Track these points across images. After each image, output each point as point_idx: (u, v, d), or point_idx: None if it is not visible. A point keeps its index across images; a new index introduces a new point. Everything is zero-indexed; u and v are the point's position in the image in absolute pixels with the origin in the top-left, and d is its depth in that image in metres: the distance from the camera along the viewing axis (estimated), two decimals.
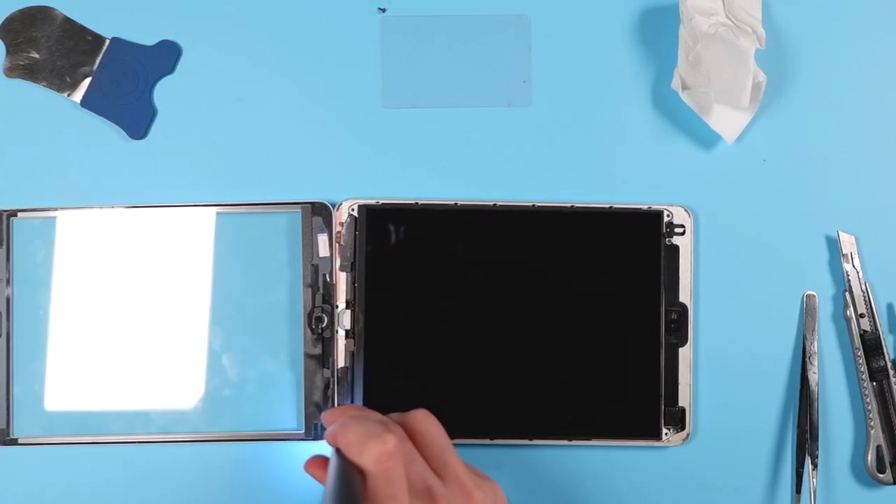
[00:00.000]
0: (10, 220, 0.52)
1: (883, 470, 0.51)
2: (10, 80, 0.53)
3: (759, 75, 0.50)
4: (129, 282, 0.52)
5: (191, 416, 0.52)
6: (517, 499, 0.52)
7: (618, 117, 0.53)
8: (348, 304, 0.52)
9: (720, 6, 0.51)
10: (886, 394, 0.51)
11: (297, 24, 0.54)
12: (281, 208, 0.52)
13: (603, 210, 0.52)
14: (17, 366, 0.52)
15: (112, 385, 0.52)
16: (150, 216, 0.53)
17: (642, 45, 0.54)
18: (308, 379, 0.51)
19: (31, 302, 0.52)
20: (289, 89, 0.54)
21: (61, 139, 0.54)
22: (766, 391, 0.52)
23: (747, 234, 0.53)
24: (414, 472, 0.35)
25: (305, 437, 0.51)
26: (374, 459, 0.34)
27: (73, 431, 0.52)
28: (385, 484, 0.34)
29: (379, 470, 0.34)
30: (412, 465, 0.36)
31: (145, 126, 0.53)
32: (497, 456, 0.52)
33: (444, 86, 0.54)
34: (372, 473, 0.34)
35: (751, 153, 0.53)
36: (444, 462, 0.37)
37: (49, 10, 0.54)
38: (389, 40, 0.54)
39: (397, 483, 0.34)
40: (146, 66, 0.54)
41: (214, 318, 0.52)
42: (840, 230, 0.52)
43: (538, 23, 0.54)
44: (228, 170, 0.53)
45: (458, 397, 0.51)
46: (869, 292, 0.52)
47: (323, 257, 0.52)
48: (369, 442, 0.34)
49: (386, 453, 0.34)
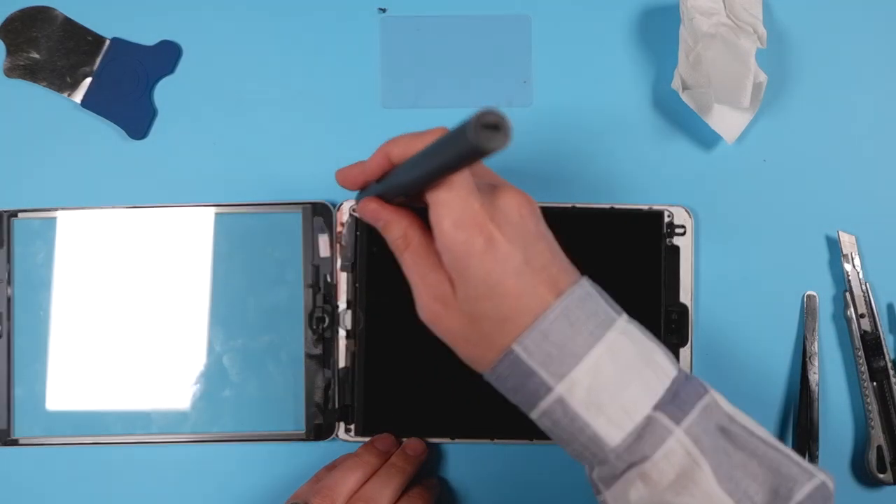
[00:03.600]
0: (10, 220, 0.52)
1: (883, 470, 0.51)
2: (10, 80, 0.53)
3: (759, 75, 0.50)
4: (129, 282, 0.52)
5: (191, 417, 0.52)
6: (521, 496, 0.52)
7: (618, 117, 0.53)
8: (349, 305, 0.52)
9: (721, 6, 0.51)
10: (886, 394, 0.51)
11: (297, 24, 0.54)
12: (281, 208, 0.52)
13: (603, 210, 0.52)
14: (18, 366, 0.52)
15: (113, 385, 0.52)
16: (150, 216, 0.53)
17: (642, 45, 0.54)
18: (309, 379, 0.52)
19: (32, 302, 0.52)
20: (289, 89, 0.54)
21: (61, 139, 0.54)
22: (766, 391, 0.52)
23: (747, 234, 0.53)
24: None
25: (306, 437, 0.51)
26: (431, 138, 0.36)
27: (74, 432, 0.52)
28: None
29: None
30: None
31: (145, 126, 0.53)
32: (500, 455, 0.52)
33: (444, 86, 0.54)
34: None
35: (751, 153, 0.53)
36: (480, 172, 0.40)
37: (49, 10, 0.54)
38: (389, 40, 0.54)
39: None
40: (146, 66, 0.54)
41: (215, 319, 0.52)
42: (840, 230, 0.52)
43: (538, 23, 0.54)
44: (228, 170, 0.53)
45: (458, 397, 0.51)
46: (869, 292, 0.52)
47: (324, 257, 0.52)
48: (427, 131, 0.37)
49: (441, 132, 0.36)
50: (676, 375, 0.37)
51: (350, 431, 0.51)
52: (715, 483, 0.35)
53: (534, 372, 0.36)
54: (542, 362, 0.36)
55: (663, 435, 0.35)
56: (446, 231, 0.35)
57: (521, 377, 0.36)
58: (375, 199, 0.39)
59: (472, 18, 0.54)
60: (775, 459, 0.37)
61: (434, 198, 0.36)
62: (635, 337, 0.37)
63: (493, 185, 0.38)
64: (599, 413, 0.36)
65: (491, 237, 0.35)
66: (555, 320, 0.36)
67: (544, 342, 0.36)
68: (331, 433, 0.51)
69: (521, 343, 0.36)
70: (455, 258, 0.36)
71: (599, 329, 0.36)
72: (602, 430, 0.36)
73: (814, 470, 0.37)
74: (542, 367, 0.36)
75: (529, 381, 0.36)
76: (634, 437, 0.36)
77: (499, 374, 0.37)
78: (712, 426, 0.37)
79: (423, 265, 0.38)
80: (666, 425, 0.36)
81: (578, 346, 0.36)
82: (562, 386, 0.36)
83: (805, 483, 0.36)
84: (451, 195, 0.35)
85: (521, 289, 0.36)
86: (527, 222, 0.37)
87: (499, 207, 0.36)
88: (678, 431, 0.36)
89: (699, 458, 0.35)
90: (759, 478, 0.36)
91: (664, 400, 0.36)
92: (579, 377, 0.35)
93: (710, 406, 0.37)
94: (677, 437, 0.36)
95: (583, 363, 0.35)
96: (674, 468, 0.35)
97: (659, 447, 0.35)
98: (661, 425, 0.36)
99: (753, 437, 0.37)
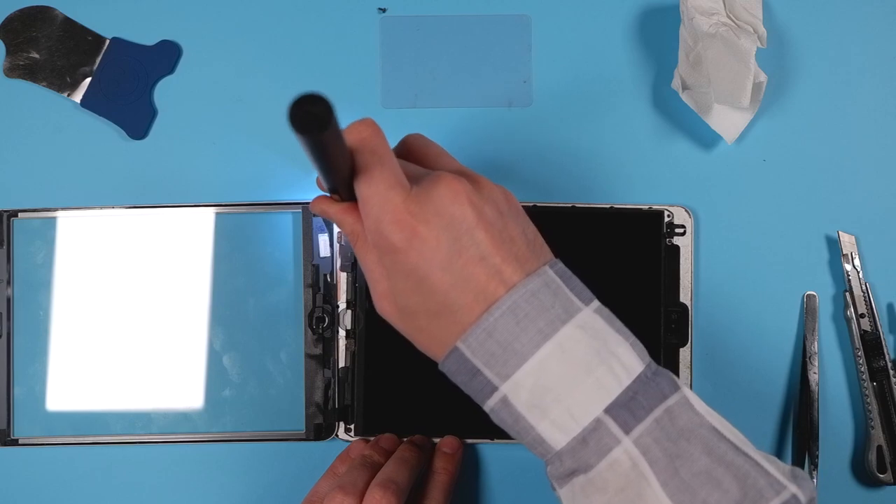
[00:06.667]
0: (10, 220, 0.52)
1: (883, 470, 0.51)
2: (10, 80, 0.53)
3: (759, 75, 0.50)
4: (129, 282, 0.52)
5: (191, 417, 0.52)
6: (521, 496, 0.52)
7: (618, 117, 0.53)
8: (349, 305, 0.52)
9: (721, 6, 0.51)
10: (887, 394, 0.51)
11: (296, 24, 0.54)
12: (281, 208, 0.52)
13: (603, 210, 0.52)
14: (18, 366, 0.52)
15: (113, 385, 0.52)
16: (150, 216, 0.52)
17: (642, 45, 0.54)
18: (309, 379, 0.52)
19: (32, 302, 0.52)
20: (289, 89, 0.54)
21: (61, 139, 0.54)
22: (766, 391, 0.52)
23: (747, 234, 0.53)
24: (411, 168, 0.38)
25: (306, 437, 0.51)
26: (353, 131, 0.36)
27: (74, 432, 0.52)
28: (369, 153, 0.35)
29: (358, 140, 0.35)
30: (408, 168, 0.38)
31: (145, 126, 0.53)
32: (500, 455, 0.52)
33: (444, 86, 0.54)
34: (356, 149, 0.35)
35: (751, 153, 0.53)
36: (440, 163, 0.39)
37: (49, 10, 0.54)
38: (389, 40, 0.54)
39: (380, 148, 0.35)
40: (146, 66, 0.54)
41: (215, 319, 0.52)
42: (840, 230, 0.52)
43: (538, 23, 0.54)
44: (228, 170, 0.53)
45: (458, 397, 0.51)
46: (869, 292, 0.52)
47: (324, 257, 0.52)
48: (350, 126, 0.36)
49: (363, 124, 0.36)
50: (641, 373, 0.35)
51: (350, 431, 0.51)
52: (664, 497, 0.33)
53: (478, 370, 0.35)
54: (486, 362, 0.35)
55: (610, 444, 0.34)
56: (369, 228, 0.35)
57: (467, 374, 0.36)
58: (324, 197, 0.39)
59: (472, 18, 0.54)
60: (742, 468, 0.34)
61: (358, 191, 0.36)
62: (597, 330, 0.35)
63: (435, 173, 0.36)
64: (544, 416, 0.34)
65: (413, 231, 0.34)
66: (500, 317, 0.34)
67: (488, 340, 0.34)
68: (331, 433, 0.51)
69: (465, 341, 0.35)
70: (381, 254, 0.36)
71: (551, 325, 0.34)
72: (546, 433, 0.34)
73: (785, 481, 0.34)
74: (487, 367, 0.35)
75: (475, 378, 0.35)
76: (579, 442, 0.34)
77: (448, 369, 0.37)
78: (674, 431, 0.34)
79: (369, 260, 0.37)
80: (614, 433, 0.34)
81: (524, 344, 0.34)
82: (506, 386, 0.35)
83: (772, 497, 0.33)
84: (371, 190, 0.35)
85: (450, 283, 0.34)
86: (462, 211, 0.35)
87: (431, 198, 0.35)
88: (626, 441, 0.34)
89: (647, 470, 0.34)
90: (724, 485, 0.33)
91: (619, 402, 0.34)
92: (522, 378, 0.34)
93: (673, 408, 0.35)
94: (625, 447, 0.34)
95: (528, 363, 0.34)
96: (618, 480, 0.34)
97: (604, 457, 0.34)
98: (608, 432, 0.34)
99: (724, 441, 0.34)
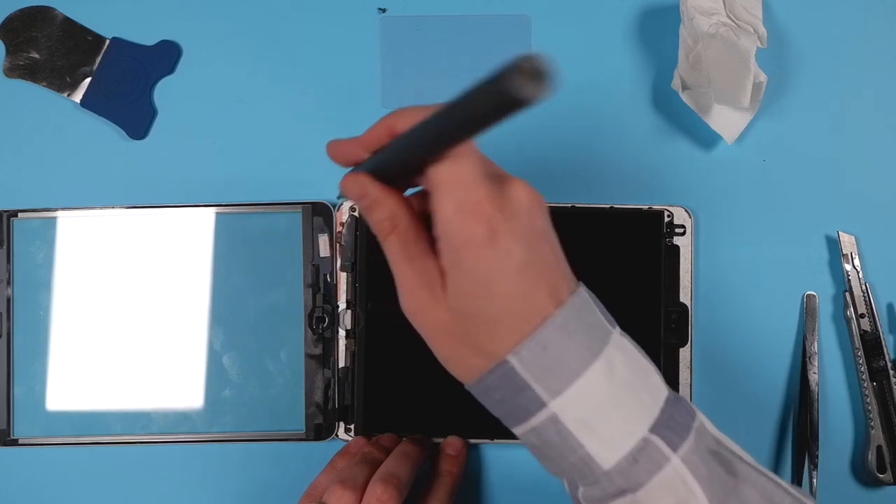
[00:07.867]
0: (10, 220, 0.52)
1: (883, 470, 0.51)
2: (10, 80, 0.53)
3: (759, 75, 0.50)
4: (129, 282, 0.52)
5: (191, 417, 0.52)
6: (521, 496, 0.52)
7: (618, 117, 0.53)
8: (349, 305, 0.52)
9: (721, 6, 0.51)
10: (886, 394, 0.51)
11: (297, 24, 0.54)
12: (281, 208, 0.52)
13: (603, 210, 0.52)
14: (18, 366, 0.52)
15: (113, 385, 0.52)
16: (150, 216, 0.52)
17: (642, 45, 0.54)
18: (309, 379, 0.52)
19: (32, 302, 0.52)
20: (289, 89, 0.54)
21: (61, 139, 0.54)
22: (766, 391, 0.52)
23: (747, 234, 0.53)
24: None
25: (306, 437, 0.51)
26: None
27: (74, 432, 0.52)
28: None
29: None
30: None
31: (145, 126, 0.53)
32: (500, 455, 0.52)
33: (444, 86, 0.54)
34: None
35: (751, 153, 0.53)
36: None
37: (49, 10, 0.54)
38: (389, 40, 0.54)
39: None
40: (146, 66, 0.54)
41: (215, 319, 0.52)
42: (840, 230, 0.52)
43: (538, 23, 0.54)
44: (228, 170, 0.53)
45: (458, 397, 0.51)
46: (869, 292, 0.52)
47: (324, 257, 0.52)
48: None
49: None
50: (668, 395, 0.35)
51: (350, 431, 0.51)
52: None
53: (528, 386, 0.33)
54: (538, 377, 0.33)
55: (660, 462, 0.33)
56: (448, 215, 0.32)
57: (512, 390, 0.34)
58: (364, 173, 0.35)
59: (472, 18, 0.54)
60: (767, 488, 0.35)
61: (437, 175, 0.32)
62: (630, 353, 0.35)
63: (500, 175, 0.35)
64: (594, 434, 0.33)
65: (494, 230, 0.32)
66: (554, 331, 0.33)
67: (542, 355, 0.33)
68: (331, 433, 0.51)
69: (517, 354, 0.33)
70: (452, 247, 0.33)
71: (597, 343, 0.34)
72: (595, 451, 0.33)
73: (804, 498, 0.35)
74: (538, 382, 0.33)
75: (521, 395, 0.33)
76: (629, 461, 0.33)
77: (487, 384, 0.34)
78: (704, 451, 0.35)
79: (412, 249, 0.35)
80: (663, 451, 0.34)
81: (576, 360, 0.33)
82: (556, 403, 0.33)
83: None
84: (458, 173, 0.32)
85: (519, 291, 0.33)
86: (535, 220, 0.34)
87: (508, 199, 0.33)
88: (675, 459, 0.34)
89: (695, 487, 0.33)
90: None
91: (659, 422, 0.34)
92: (576, 394, 0.33)
93: (699, 429, 0.35)
94: (674, 465, 0.33)
95: (580, 380, 0.33)
96: (669, 498, 0.33)
97: (655, 474, 0.33)
98: (657, 450, 0.34)
99: (743, 462, 0.35)
